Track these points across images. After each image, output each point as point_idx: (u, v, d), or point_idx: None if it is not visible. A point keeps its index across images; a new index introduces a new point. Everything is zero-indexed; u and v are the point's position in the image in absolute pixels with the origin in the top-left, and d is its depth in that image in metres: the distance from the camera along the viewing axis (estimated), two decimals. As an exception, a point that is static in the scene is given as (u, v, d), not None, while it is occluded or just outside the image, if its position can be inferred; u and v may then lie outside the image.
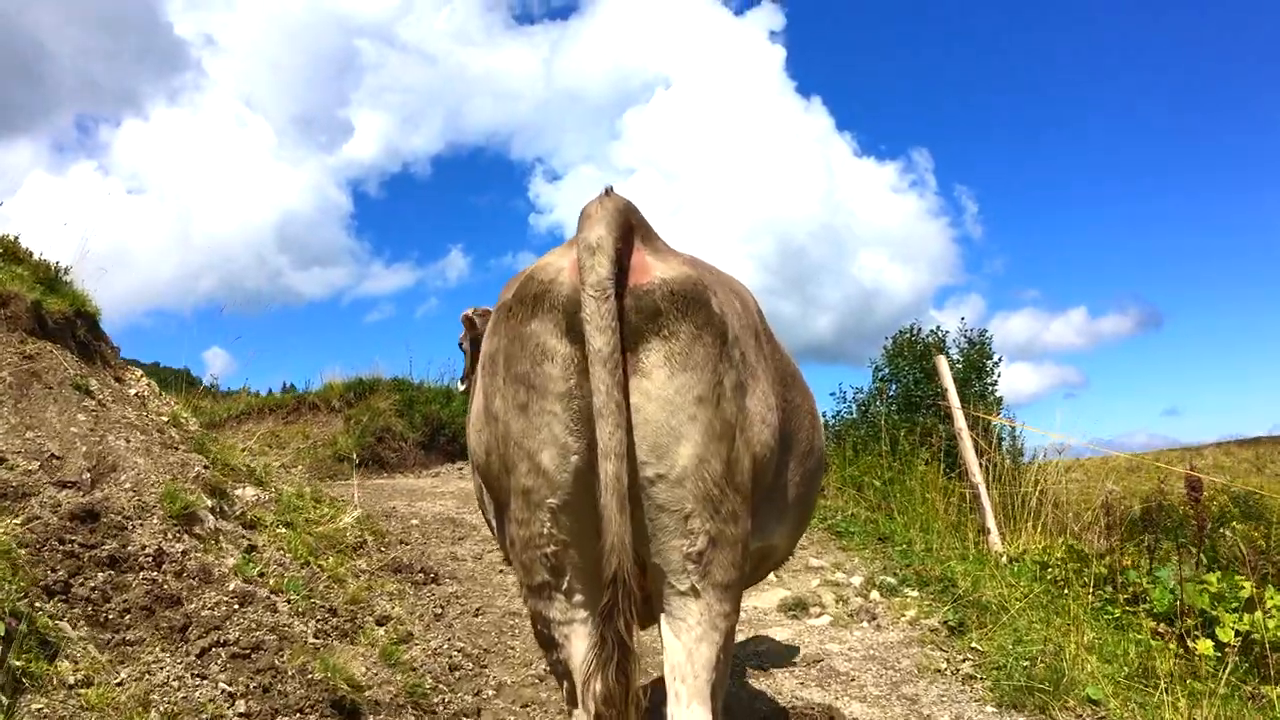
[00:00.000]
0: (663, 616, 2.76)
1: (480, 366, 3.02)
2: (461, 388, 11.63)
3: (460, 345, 10.82)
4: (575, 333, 2.58)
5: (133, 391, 7.05)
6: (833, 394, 17.75)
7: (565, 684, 2.90)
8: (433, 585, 6.74)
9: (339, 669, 4.50)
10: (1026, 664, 5.46)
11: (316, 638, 4.92)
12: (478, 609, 6.41)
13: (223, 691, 4.18)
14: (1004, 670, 5.46)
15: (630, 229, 2.70)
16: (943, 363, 8.88)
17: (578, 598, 2.78)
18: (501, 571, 7.38)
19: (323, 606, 5.40)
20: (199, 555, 5.15)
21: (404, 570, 6.83)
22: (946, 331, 18.43)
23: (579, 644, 2.79)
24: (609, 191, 2.72)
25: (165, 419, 6.47)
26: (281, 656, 4.63)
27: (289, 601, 5.23)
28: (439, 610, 6.24)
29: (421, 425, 16.21)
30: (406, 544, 7.80)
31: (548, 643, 2.88)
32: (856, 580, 7.24)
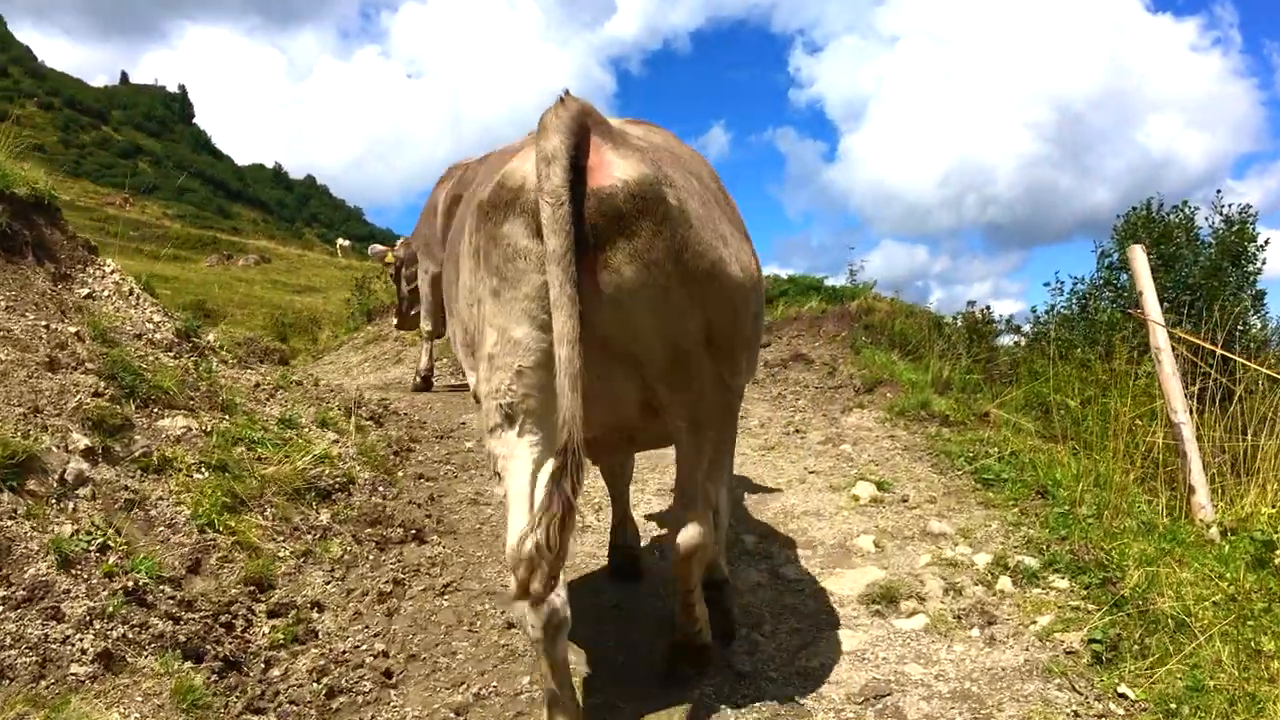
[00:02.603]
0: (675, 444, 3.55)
1: (460, 256, 3.48)
2: (395, 325, 11.76)
3: (394, 279, 11.36)
4: (542, 231, 2.93)
5: (83, 292, 5.85)
6: (1046, 284, 14.89)
7: (509, 519, 3.25)
8: (409, 546, 5.28)
9: (73, 725, 3.09)
10: (1195, 742, 3.46)
11: (103, 659, 3.51)
12: (447, 584, 4.89)
13: None
14: (1157, 748, 3.48)
15: (586, 131, 3.09)
16: (1138, 256, 6.42)
17: (527, 438, 3.25)
18: (522, 522, 5.85)
19: (172, 598, 4.00)
20: (7, 523, 3.84)
21: (381, 523, 5.39)
22: (1195, 208, 15.12)
23: (519, 478, 3.25)
24: (564, 98, 3.10)
25: (75, 330, 5.20)
26: (35, 689, 3.28)
27: (124, 592, 3.85)
28: (389, 586, 4.77)
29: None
30: (429, 480, 6.37)
31: (497, 477, 3.35)
32: (982, 559, 5.24)
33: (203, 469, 4.93)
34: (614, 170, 3.05)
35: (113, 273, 6.21)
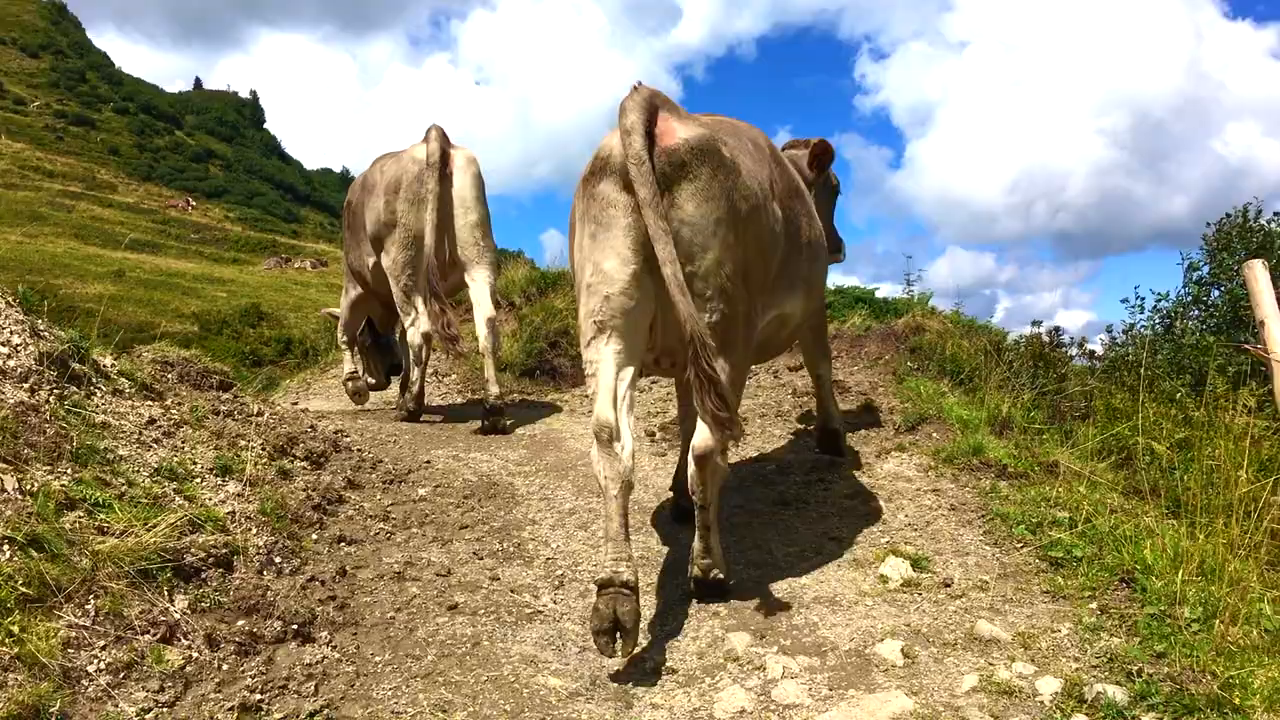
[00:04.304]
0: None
1: (571, 220, 4.66)
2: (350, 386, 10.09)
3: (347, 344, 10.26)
4: (628, 187, 4.13)
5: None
6: (1124, 300, 13.23)
7: (595, 403, 4.32)
8: (286, 646, 4.03)
9: None
10: None
11: None
12: (315, 712, 3.64)
13: None
14: None
15: (656, 109, 4.28)
16: (1258, 274, 4.91)
17: (612, 347, 4.32)
18: (451, 609, 4.58)
19: None
20: None
21: (257, 612, 4.16)
22: (1301, 215, 13.38)
23: (606, 377, 4.31)
24: (637, 86, 4.29)
25: None
26: None
27: None
28: (233, 715, 3.52)
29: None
30: (350, 544, 5.12)
31: (590, 378, 4.36)
32: (1047, 686, 3.86)
33: (3, 547, 3.73)
34: (678, 133, 4.26)
35: (-22, 299, 5.07)
